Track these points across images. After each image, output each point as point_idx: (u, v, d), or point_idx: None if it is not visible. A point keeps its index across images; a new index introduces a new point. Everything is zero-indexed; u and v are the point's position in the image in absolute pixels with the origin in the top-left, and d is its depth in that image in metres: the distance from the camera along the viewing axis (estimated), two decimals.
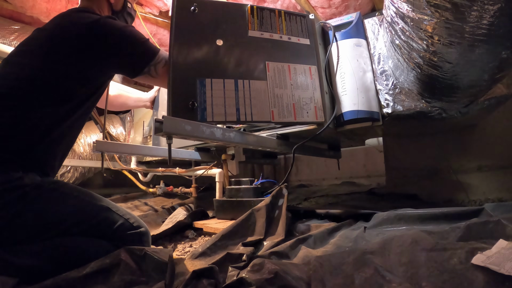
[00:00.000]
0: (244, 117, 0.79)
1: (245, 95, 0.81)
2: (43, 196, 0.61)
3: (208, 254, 0.62)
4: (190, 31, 0.82)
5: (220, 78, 0.81)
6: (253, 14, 0.89)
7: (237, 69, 0.83)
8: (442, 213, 0.67)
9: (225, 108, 0.78)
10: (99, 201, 0.67)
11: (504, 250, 0.46)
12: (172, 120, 0.57)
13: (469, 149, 1.32)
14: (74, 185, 0.72)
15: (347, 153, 1.81)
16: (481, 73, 0.67)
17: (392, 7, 0.66)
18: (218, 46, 0.83)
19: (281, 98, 0.84)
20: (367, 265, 0.50)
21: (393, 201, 1.26)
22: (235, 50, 0.84)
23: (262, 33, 0.88)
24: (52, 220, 0.61)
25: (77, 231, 0.61)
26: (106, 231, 0.63)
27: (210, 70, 0.81)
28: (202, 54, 0.81)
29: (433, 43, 0.61)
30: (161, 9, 1.52)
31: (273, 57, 0.87)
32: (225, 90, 0.80)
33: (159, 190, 1.61)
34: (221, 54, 0.83)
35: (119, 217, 0.66)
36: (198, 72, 0.79)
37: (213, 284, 0.46)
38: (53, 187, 0.64)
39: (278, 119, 0.82)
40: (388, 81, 0.94)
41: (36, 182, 0.62)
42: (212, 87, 0.79)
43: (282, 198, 0.82)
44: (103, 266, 0.48)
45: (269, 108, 0.82)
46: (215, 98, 0.78)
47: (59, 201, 0.63)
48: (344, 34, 0.96)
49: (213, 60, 0.82)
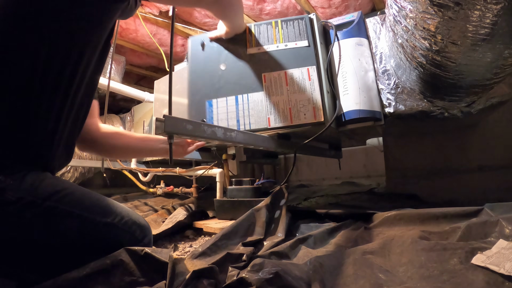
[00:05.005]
0: (243, 127, 0.90)
1: (244, 108, 0.92)
2: (30, 221, 0.48)
3: (208, 254, 0.62)
4: (201, 62, 1.01)
5: (223, 97, 0.95)
6: (250, 33, 0.98)
7: (237, 86, 0.94)
8: (442, 213, 0.67)
9: (227, 121, 0.92)
10: (104, 215, 0.56)
11: (504, 250, 0.46)
12: (173, 119, 0.57)
13: (469, 149, 1.32)
14: (75, 192, 0.56)
15: (347, 153, 1.81)
16: (484, 72, 0.67)
17: (395, 6, 0.66)
18: (222, 70, 0.97)
19: (277, 104, 0.90)
20: (367, 265, 0.50)
21: (393, 201, 1.26)
22: (235, 70, 0.96)
23: (259, 48, 0.96)
24: (49, 249, 0.51)
25: (79, 255, 0.52)
26: (110, 251, 0.54)
27: (216, 91, 0.96)
28: (210, 79, 0.98)
29: (436, 42, 0.60)
30: (161, 9, 1.52)
31: (269, 68, 0.93)
32: (228, 106, 0.94)
33: (159, 190, 1.61)
34: (225, 76, 0.96)
35: (125, 233, 0.58)
36: (207, 95, 0.97)
37: (213, 284, 0.46)
38: (49, 206, 0.50)
39: (274, 125, 0.89)
40: (390, 81, 0.94)
41: (25, 198, 0.47)
42: (217, 105, 0.95)
43: (282, 198, 0.82)
44: (103, 266, 0.48)
45: (265, 116, 0.90)
46: (220, 114, 0.94)
47: (58, 224, 0.51)
48: (345, 33, 0.96)
49: (217, 82, 0.97)
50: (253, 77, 0.94)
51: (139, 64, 2.21)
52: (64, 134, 0.58)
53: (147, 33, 1.64)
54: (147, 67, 2.29)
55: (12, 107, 0.50)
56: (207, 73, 0.99)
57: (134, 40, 1.78)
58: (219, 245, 0.65)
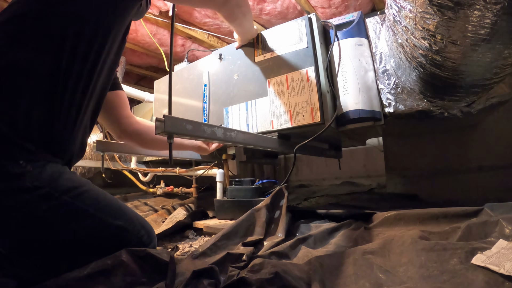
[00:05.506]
0: (252, 129, 0.99)
1: (252, 113, 1.00)
2: (44, 213, 0.47)
3: (208, 254, 0.62)
4: (220, 73, 1.12)
5: (236, 104, 1.04)
6: (258, 41, 1.04)
7: (247, 93, 1.02)
8: (442, 213, 0.67)
9: (239, 126, 1.02)
10: (116, 217, 0.56)
11: (504, 250, 0.46)
12: (173, 119, 0.57)
13: (469, 149, 1.32)
14: (92, 191, 0.56)
15: (347, 153, 1.81)
16: (484, 72, 0.67)
17: (395, 6, 0.66)
18: (235, 79, 1.06)
19: (279, 108, 0.95)
20: (367, 265, 0.50)
21: (393, 201, 1.26)
22: (246, 78, 1.04)
23: (265, 55, 1.01)
24: (57, 244, 0.50)
25: (86, 254, 0.52)
26: (116, 251, 0.53)
27: (231, 99, 1.06)
28: (227, 88, 1.08)
29: (435, 42, 0.60)
30: (161, 9, 1.52)
31: (273, 73, 0.98)
32: (239, 112, 1.03)
33: (159, 190, 1.61)
34: (238, 85, 1.05)
35: (133, 237, 0.58)
36: (223, 103, 1.08)
37: (213, 284, 0.46)
38: (66, 201, 0.49)
39: (277, 127, 0.94)
40: (390, 81, 0.94)
41: (43, 188, 0.46)
42: (232, 111, 1.05)
43: (282, 198, 0.82)
44: (104, 266, 0.48)
45: (270, 119, 0.96)
46: (234, 119, 1.04)
47: (71, 221, 0.50)
48: (345, 33, 0.96)
49: (232, 91, 1.06)
50: (260, 84, 1.00)
51: (139, 64, 2.21)
52: (83, 125, 0.58)
53: (147, 33, 1.64)
54: (147, 67, 2.29)
55: (39, 90, 0.50)
56: (224, 83, 1.09)
57: (134, 40, 1.78)
58: (219, 245, 0.65)
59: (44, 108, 0.50)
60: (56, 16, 0.52)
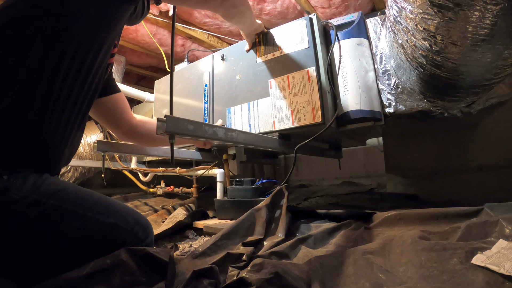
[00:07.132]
0: (254, 130, 0.99)
1: (254, 113, 1.00)
2: (34, 220, 0.47)
3: (208, 254, 0.62)
4: (223, 74, 1.13)
5: (238, 104, 1.05)
6: (260, 42, 1.04)
7: (249, 94, 1.03)
8: (442, 213, 0.67)
9: (242, 126, 1.02)
10: (107, 215, 0.56)
11: (504, 250, 0.46)
12: (175, 119, 0.57)
13: (469, 149, 1.32)
14: (77, 191, 0.56)
15: (347, 153, 1.81)
16: (484, 72, 0.67)
17: (395, 7, 0.66)
18: (238, 80, 1.07)
19: (281, 108, 0.95)
20: (367, 265, 0.50)
21: (393, 201, 1.26)
22: (248, 79, 1.04)
23: (266, 56, 1.01)
24: (51, 248, 0.51)
25: (82, 255, 0.52)
26: (113, 252, 0.53)
27: (233, 100, 1.06)
28: (229, 89, 1.08)
29: (436, 43, 0.60)
30: (161, 9, 1.52)
31: (274, 73, 0.98)
32: (242, 112, 1.03)
33: (160, 190, 1.61)
34: (240, 86, 1.06)
35: (127, 233, 0.58)
36: (227, 103, 1.08)
37: (213, 284, 0.46)
38: (53, 205, 0.50)
39: (279, 127, 0.94)
40: (390, 81, 0.94)
41: (29, 197, 0.47)
42: (234, 112, 1.06)
43: (282, 198, 0.82)
44: (103, 266, 0.48)
45: (272, 119, 0.96)
46: (236, 120, 1.04)
47: (61, 224, 0.51)
48: (346, 33, 0.96)
49: (234, 92, 1.07)
50: (262, 84, 1.00)
51: (139, 64, 2.21)
52: (71, 135, 0.58)
53: (147, 33, 1.64)
54: (147, 67, 2.29)
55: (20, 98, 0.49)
56: (227, 84, 1.10)
57: (134, 40, 1.78)
58: (219, 245, 0.65)
59: (27, 117, 0.49)
60: (39, 20, 0.51)
